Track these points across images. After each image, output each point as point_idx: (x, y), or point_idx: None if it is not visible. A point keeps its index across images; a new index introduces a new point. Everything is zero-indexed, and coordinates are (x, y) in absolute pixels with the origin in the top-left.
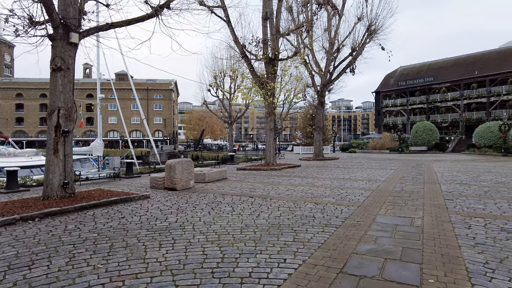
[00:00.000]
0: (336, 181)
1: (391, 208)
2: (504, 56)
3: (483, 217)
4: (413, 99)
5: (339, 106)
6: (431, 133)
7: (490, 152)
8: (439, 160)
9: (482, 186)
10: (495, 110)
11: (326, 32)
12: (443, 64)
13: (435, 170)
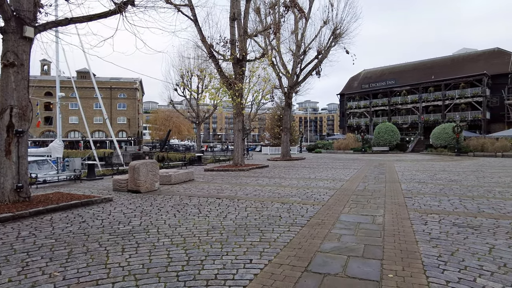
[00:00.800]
0: (303, 181)
1: (354, 206)
2: (456, 63)
3: (438, 213)
4: (375, 101)
5: (305, 107)
6: (392, 134)
7: (445, 152)
8: (400, 160)
9: (438, 184)
10: (449, 113)
11: (293, 34)
12: (403, 68)
13: (396, 169)
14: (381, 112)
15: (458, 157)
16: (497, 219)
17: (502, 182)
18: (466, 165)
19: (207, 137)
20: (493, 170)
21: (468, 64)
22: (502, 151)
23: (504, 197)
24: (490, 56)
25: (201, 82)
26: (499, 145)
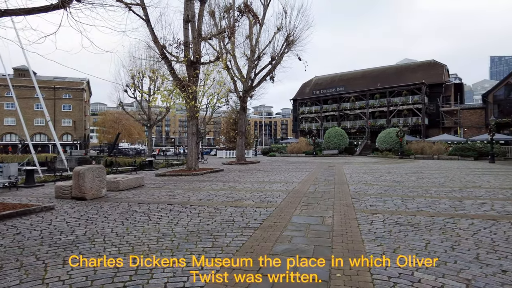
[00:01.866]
0: (257, 184)
1: (305, 208)
2: (399, 72)
3: (382, 213)
4: (326, 106)
5: (261, 112)
6: (341, 138)
7: (390, 155)
8: (349, 162)
9: (383, 185)
10: (394, 118)
11: (248, 39)
12: (352, 75)
13: (345, 172)
14: (331, 117)
15: (401, 160)
16: (432, 216)
17: (438, 183)
18: (408, 167)
19: (159, 140)
20: (431, 171)
21: (409, 74)
22: (438, 154)
23: (438, 196)
24: (428, 67)
25: (153, 83)
26: (435, 148)
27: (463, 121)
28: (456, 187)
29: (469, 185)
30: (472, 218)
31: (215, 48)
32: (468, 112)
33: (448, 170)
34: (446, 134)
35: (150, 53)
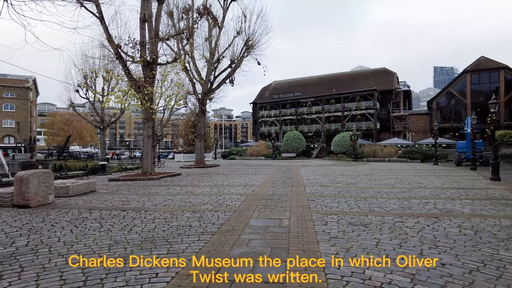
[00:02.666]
0: (216, 188)
1: (264, 211)
2: (354, 78)
3: (337, 214)
4: (284, 111)
5: (220, 114)
6: (299, 142)
7: (344, 157)
8: (306, 165)
9: (337, 187)
10: (348, 123)
11: (207, 41)
12: (309, 81)
13: (302, 174)
14: (290, 121)
15: (355, 162)
16: (383, 216)
17: (388, 184)
18: (361, 169)
19: (113, 143)
20: (382, 173)
21: (363, 80)
22: (389, 157)
23: (389, 196)
24: (379, 75)
25: (107, 84)
26: (386, 151)
27: (411, 126)
28: (405, 187)
29: (416, 186)
30: (418, 217)
31: (173, 49)
32: (415, 118)
33: (398, 171)
34: (396, 138)
35: (104, 52)
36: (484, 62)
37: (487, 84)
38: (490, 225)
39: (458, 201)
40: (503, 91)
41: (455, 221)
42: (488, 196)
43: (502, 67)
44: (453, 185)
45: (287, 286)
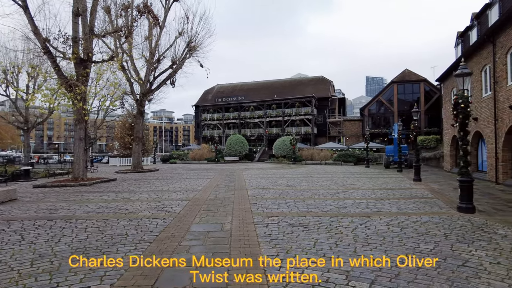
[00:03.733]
0: (154, 194)
1: (205, 216)
2: (293, 85)
3: (277, 216)
4: (228, 114)
5: (161, 116)
6: (242, 145)
7: (285, 161)
8: (248, 168)
9: (278, 189)
10: (288, 127)
11: (147, 41)
12: (252, 86)
13: (244, 177)
14: (233, 125)
15: (294, 165)
16: (320, 216)
17: (325, 185)
18: (300, 172)
19: (40, 146)
20: (319, 175)
21: (302, 87)
22: (325, 160)
23: (325, 197)
24: (317, 82)
25: (32, 80)
26: (323, 155)
27: (345, 131)
28: (340, 189)
29: (349, 187)
30: (352, 216)
31: (109, 46)
32: (349, 123)
33: (333, 174)
34: (331, 142)
35: (28, 45)
36: (408, 74)
37: (411, 94)
38: (412, 222)
39: (387, 201)
40: (423, 101)
41: (384, 219)
42: (411, 195)
43: (422, 80)
44: (382, 186)
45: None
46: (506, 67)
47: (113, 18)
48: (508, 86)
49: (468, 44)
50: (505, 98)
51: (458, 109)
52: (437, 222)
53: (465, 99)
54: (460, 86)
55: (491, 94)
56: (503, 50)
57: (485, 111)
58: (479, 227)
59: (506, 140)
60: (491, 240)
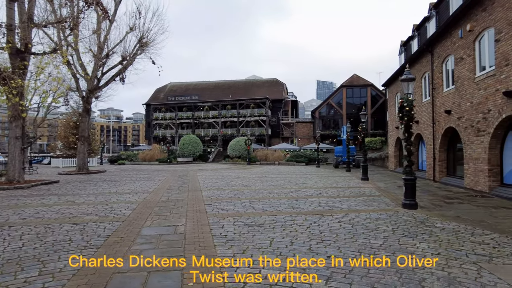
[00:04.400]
0: (101, 196)
1: (157, 218)
2: (248, 86)
3: (233, 216)
4: (181, 114)
5: (108, 115)
6: (196, 146)
7: (240, 161)
8: (202, 169)
9: (233, 189)
10: (243, 128)
11: (95, 34)
12: (206, 86)
13: (199, 178)
14: (186, 125)
15: (249, 166)
16: (275, 215)
17: (279, 185)
18: (254, 172)
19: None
20: (273, 175)
21: (256, 89)
22: (278, 160)
23: (280, 196)
24: (271, 85)
25: None
26: (276, 155)
27: (297, 132)
28: (293, 188)
29: (302, 186)
30: (306, 215)
31: (52, 38)
32: (301, 125)
33: (287, 174)
34: (285, 143)
35: None
36: (356, 79)
37: (358, 98)
38: (363, 218)
39: (338, 199)
40: (370, 104)
41: (336, 217)
42: (360, 193)
43: (369, 84)
44: (333, 185)
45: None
46: (442, 75)
47: (56, 8)
48: (444, 92)
49: (410, 52)
50: (441, 103)
51: (403, 112)
52: (385, 218)
53: (409, 102)
54: (405, 90)
55: (430, 99)
56: (440, 60)
57: (425, 114)
58: (422, 221)
59: (442, 142)
60: (432, 233)
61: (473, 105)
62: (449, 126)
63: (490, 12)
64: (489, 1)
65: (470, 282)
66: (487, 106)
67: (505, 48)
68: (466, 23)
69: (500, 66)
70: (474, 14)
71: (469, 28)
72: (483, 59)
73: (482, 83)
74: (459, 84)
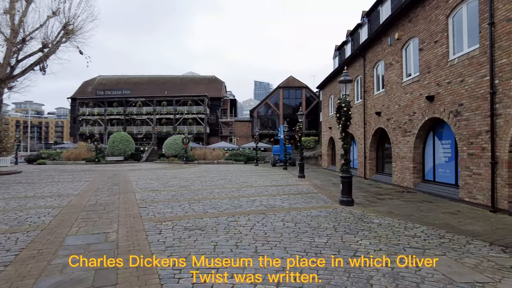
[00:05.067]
0: (14, 201)
1: (84, 225)
2: (185, 82)
3: (171, 220)
4: (111, 109)
5: (26, 109)
6: (127, 144)
7: (176, 160)
8: (135, 169)
9: (170, 190)
10: (180, 126)
11: (7, 15)
12: (139, 80)
13: (131, 179)
14: (116, 121)
15: (186, 165)
16: (217, 217)
17: (219, 184)
18: (192, 171)
19: None
20: (212, 175)
21: (194, 85)
22: (217, 159)
23: (221, 196)
24: (210, 82)
25: None
26: (215, 154)
27: (236, 131)
28: (234, 187)
29: (243, 185)
30: (248, 214)
31: None
32: (240, 124)
33: (226, 173)
34: (223, 142)
35: None
36: (292, 81)
37: (294, 99)
38: (304, 216)
39: (279, 197)
40: (304, 105)
41: (279, 216)
42: (298, 191)
43: (304, 86)
44: (272, 183)
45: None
46: (373, 79)
47: None
48: (375, 95)
49: (344, 56)
50: (372, 105)
51: (341, 112)
52: (325, 215)
53: (347, 103)
54: (343, 91)
55: (362, 101)
56: (371, 64)
57: (357, 116)
58: (360, 218)
59: (372, 141)
60: (371, 229)
61: (400, 107)
62: (379, 127)
63: (415, 23)
64: (414, 14)
65: (412, 275)
66: (413, 109)
67: (427, 57)
68: (395, 32)
69: (423, 73)
70: (401, 24)
71: (397, 37)
72: (409, 65)
73: (409, 88)
74: (388, 87)
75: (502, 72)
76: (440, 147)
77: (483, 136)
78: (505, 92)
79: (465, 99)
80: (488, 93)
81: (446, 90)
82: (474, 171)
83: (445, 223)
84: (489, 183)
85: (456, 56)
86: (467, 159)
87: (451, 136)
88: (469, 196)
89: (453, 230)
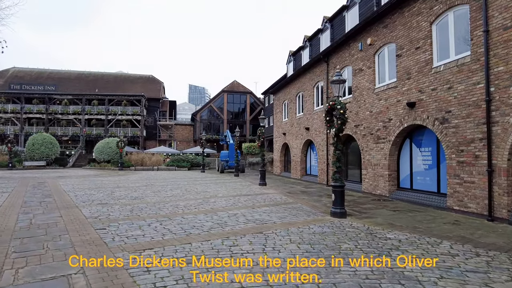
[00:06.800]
0: None
1: (23, 263)
2: (119, 81)
3: (151, 248)
4: (29, 107)
5: None
6: (51, 147)
7: (109, 166)
8: (64, 176)
9: (124, 204)
10: (112, 128)
11: None
12: (65, 75)
13: (64, 189)
14: (37, 121)
15: (123, 172)
16: (208, 240)
17: (177, 195)
18: (134, 179)
19: None
20: (160, 183)
21: (129, 85)
22: (157, 165)
23: (191, 211)
24: (147, 81)
25: None
26: (155, 159)
27: (177, 135)
28: (199, 198)
29: (207, 195)
30: (244, 235)
31: None
32: (180, 128)
33: (174, 180)
34: (163, 146)
35: None
36: (236, 86)
37: (239, 104)
38: (310, 234)
39: (258, 209)
40: (248, 111)
41: (280, 234)
42: (274, 201)
43: (248, 92)
44: (237, 192)
45: None
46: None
47: None
48: None
49: (300, 62)
50: None
51: (336, 114)
52: (332, 232)
53: (343, 105)
54: (336, 92)
55: (323, 107)
56: (335, 70)
57: (317, 122)
58: (369, 233)
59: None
60: (398, 248)
61: (372, 114)
62: (345, 133)
63: (391, 29)
64: (390, 20)
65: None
66: (388, 116)
67: (406, 63)
68: (367, 37)
69: (402, 79)
70: (374, 29)
71: (369, 42)
72: (383, 71)
73: (383, 94)
74: (357, 94)
75: (499, 79)
76: (418, 155)
77: (476, 143)
78: (503, 99)
79: (453, 106)
80: (483, 101)
81: (430, 96)
82: (466, 179)
83: (459, 235)
84: (484, 192)
85: (442, 62)
86: (457, 167)
87: (432, 144)
88: (459, 204)
89: (475, 244)
